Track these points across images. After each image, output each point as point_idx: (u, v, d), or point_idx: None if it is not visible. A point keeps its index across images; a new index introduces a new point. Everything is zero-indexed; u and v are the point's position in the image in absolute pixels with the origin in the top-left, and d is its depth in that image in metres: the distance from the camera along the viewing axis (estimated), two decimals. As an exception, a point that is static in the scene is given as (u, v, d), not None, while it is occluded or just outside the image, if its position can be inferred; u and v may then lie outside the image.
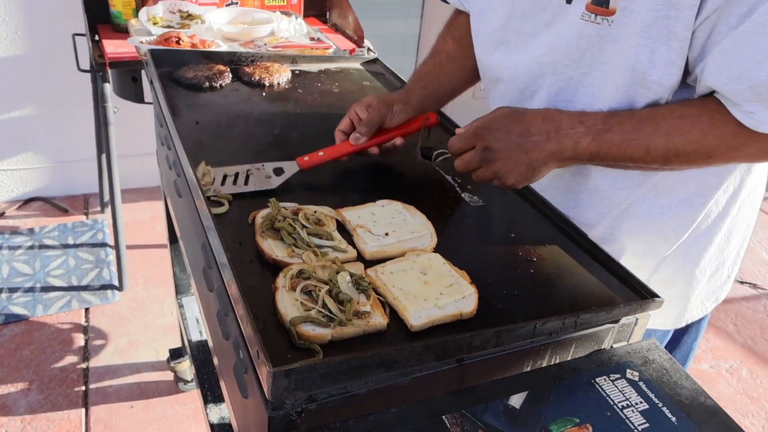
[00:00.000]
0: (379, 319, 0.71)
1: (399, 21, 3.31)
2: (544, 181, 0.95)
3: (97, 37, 2.08)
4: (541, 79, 0.96)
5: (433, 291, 0.77)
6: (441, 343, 0.67)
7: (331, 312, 0.70)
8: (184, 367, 1.93)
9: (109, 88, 2.00)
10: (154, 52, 1.32)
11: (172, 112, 1.16)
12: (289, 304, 0.71)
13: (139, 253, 2.55)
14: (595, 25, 0.86)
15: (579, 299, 0.83)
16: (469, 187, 1.05)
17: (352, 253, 0.83)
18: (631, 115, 0.87)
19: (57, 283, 2.35)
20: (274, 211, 0.88)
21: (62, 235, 2.63)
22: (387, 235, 0.88)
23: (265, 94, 1.31)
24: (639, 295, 0.84)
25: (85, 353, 2.08)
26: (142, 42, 1.59)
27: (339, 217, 0.91)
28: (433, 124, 1.10)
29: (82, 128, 2.71)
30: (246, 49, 1.63)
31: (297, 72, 1.44)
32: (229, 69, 1.36)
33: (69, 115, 2.73)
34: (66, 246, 2.57)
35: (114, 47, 1.96)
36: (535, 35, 0.94)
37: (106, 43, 1.99)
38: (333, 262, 0.79)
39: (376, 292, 0.77)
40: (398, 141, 1.07)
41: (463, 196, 1.03)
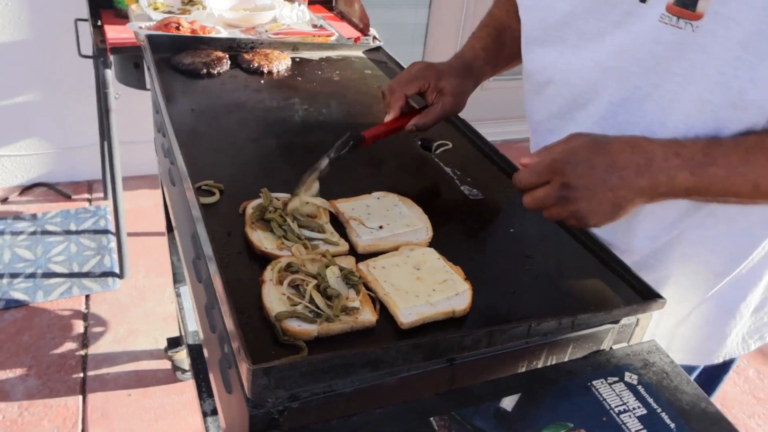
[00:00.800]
0: (368, 316, 0.69)
1: (407, 10, 3.27)
2: None
3: (100, 23, 2.05)
4: (601, 87, 0.85)
5: (426, 287, 0.74)
6: (430, 343, 0.64)
7: (318, 307, 0.68)
8: (182, 357, 1.92)
9: (111, 74, 1.98)
10: (151, 38, 1.29)
11: (167, 99, 1.14)
12: (275, 299, 0.69)
13: (141, 241, 2.53)
14: (676, 30, 0.74)
15: (578, 298, 0.80)
16: (469, 179, 1.02)
17: (344, 246, 0.81)
18: (736, 145, 0.75)
19: (58, 269, 2.34)
20: (266, 202, 0.86)
21: (65, 221, 2.62)
22: (381, 228, 0.85)
23: (263, 82, 1.28)
24: (640, 294, 0.81)
25: (84, 340, 2.08)
26: (141, 27, 1.57)
27: (332, 209, 0.88)
28: None
29: (87, 114, 2.69)
30: (246, 36, 1.60)
31: (298, 59, 1.41)
32: (227, 56, 1.33)
33: (73, 101, 2.71)
34: (68, 232, 2.56)
35: (116, 33, 1.93)
36: (600, 35, 0.83)
37: (108, 29, 1.96)
38: (323, 256, 0.77)
39: (367, 288, 0.74)
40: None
41: (462, 188, 1.00)
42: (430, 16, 3.26)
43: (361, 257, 0.80)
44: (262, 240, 0.79)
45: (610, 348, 0.78)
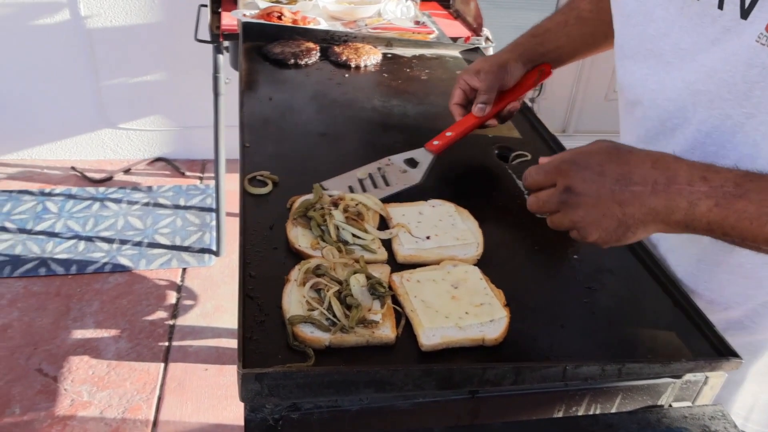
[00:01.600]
0: (387, 332, 0.64)
1: (530, 12, 3.14)
2: (674, 239, 0.77)
3: (220, 9, 2.13)
4: (690, 112, 0.76)
5: (459, 309, 0.68)
6: (443, 371, 0.59)
7: (335, 315, 0.64)
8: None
9: (222, 59, 2.05)
10: (245, 25, 1.31)
11: (249, 86, 1.15)
12: (294, 300, 0.66)
13: (241, 222, 2.62)
14: None
15: (637, 344, 0.70)
16: (540, 196, 0.93)
17: (381, 254, 0.76)
18: None
19: (162, 240, 2.48)
20: (315, 198, 0.83)
21: (176, 196, 2.77)
22: (428, 238, 0.79)
23: (347, 75, 1.26)
24: (716, 350, 0.69)
25: (175, 311, 2.18)
26: (245, 15, 1.60)
27: (383, 213, 0.84)
28: (548, 76, 1.03)
29: (205, 96, 2.83)
30: (343, 29, 1.59)
31: (390, 56, 1.38)
32: (318, 47, 1.33)
33: (194, 83, 2.85)
34: (177, 207, 2.70)
35: (230, 19, 2.00)
36: (694, 54, 0.74)
37: (224, 15, 2.03)
38: (356, 261, 0.73)
39: (396, 301, 0.69)
40: (514, 105, 1.01)
41: (530, 205, 0.92)
42: (554, 20, 3.12)
43: (399, 267, 0.75)
44: (299, 237, 0.76)
45: (669, 405, 0.68)
